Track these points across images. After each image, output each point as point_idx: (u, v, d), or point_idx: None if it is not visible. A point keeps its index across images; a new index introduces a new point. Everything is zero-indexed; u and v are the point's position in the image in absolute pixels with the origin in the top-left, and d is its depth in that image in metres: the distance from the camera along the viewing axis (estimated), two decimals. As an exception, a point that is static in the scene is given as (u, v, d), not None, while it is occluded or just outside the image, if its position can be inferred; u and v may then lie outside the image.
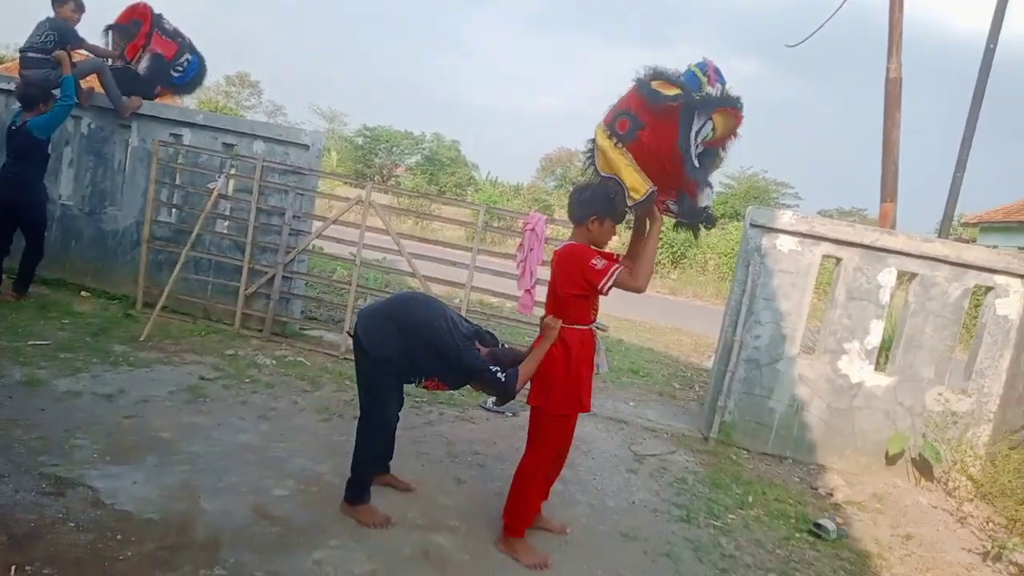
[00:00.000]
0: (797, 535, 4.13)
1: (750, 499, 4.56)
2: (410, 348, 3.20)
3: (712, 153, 3.13)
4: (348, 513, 3.36)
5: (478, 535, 3.44)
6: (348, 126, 41.56)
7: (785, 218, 5.48)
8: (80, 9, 6.38)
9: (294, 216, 6.30)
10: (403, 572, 3.02)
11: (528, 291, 5.68)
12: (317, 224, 6.46)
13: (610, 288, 3.03)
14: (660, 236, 3.31)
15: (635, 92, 3.06)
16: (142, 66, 6.55)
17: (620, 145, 3.10)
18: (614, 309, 11.88)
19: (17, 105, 6.19)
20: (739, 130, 3.08)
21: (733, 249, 19.88)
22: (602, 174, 3.23)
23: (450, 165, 35.22)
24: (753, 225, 5.51)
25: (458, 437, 4.74)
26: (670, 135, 2.95)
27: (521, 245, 5.71)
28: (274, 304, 6.32)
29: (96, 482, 3.24)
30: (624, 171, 3.10)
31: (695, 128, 2.93)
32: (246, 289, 6.32)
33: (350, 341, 6.03)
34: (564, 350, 3.16)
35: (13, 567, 2.52)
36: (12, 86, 6.65)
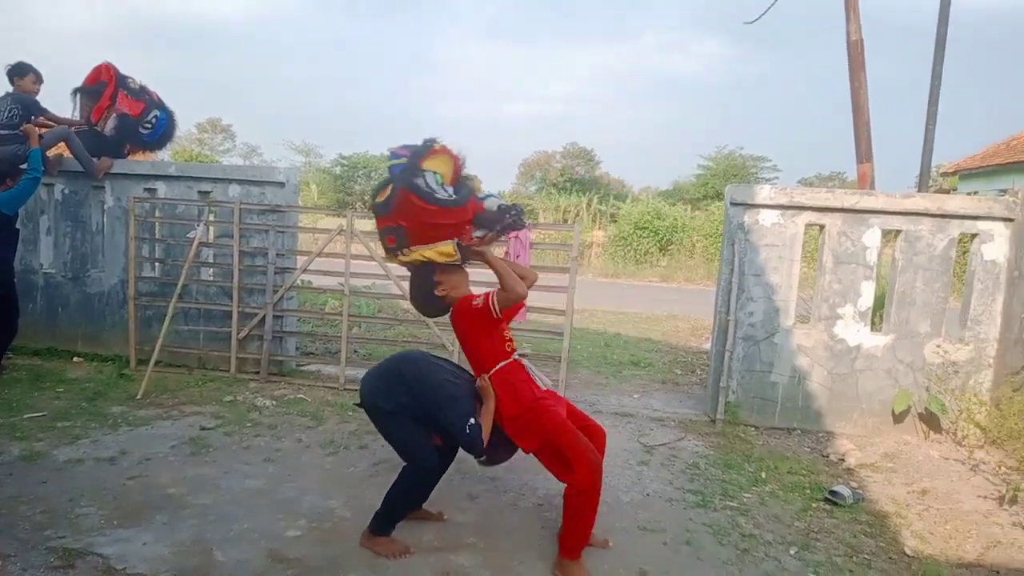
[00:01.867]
0: (814, 505, 4.13)
1: (763, 475, 4.56)
2: (414, 397, 3.24)
3: (463, 184, 3.31)
4: (366, 545, 3.33)
5: (497, 550, 3.42)
6: (324, 157, 41.45)
7: (764, 192, 5.50)
8: (39, 80, 6.41)
9: (278, 254, 6.29)
10: (424, 596, 3.01)
11: (518, 298, 5.68)
12: (302, 259, 6.45)
13: (500, 309, 3.16)
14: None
15: (374, 214, 3.35)
16: (109, 127, 6.51)
17: (404, 251, 3.27)
18: (608, 303, 11.92)
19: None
20: (452, 151, 3.30)
21: (717, 230, 19.85)
22: (414, 268, 3.40)
23: (430, 182, 35.19)
24: (733, 203, 5.52)
25: (466, 452, 4.71)
26: (422, 208, 3.12)
27: (507, 252, 5.71)
28: (268, 344, 6.30)
29: (105, 548, 3.21)
30: (426, 254, 3.24)
31: (423, 185, 3.12)
32: (238, 333, 6.30)
33: (348, 371, 6.08)
34: (504, 391, 3.28)
35: None
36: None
